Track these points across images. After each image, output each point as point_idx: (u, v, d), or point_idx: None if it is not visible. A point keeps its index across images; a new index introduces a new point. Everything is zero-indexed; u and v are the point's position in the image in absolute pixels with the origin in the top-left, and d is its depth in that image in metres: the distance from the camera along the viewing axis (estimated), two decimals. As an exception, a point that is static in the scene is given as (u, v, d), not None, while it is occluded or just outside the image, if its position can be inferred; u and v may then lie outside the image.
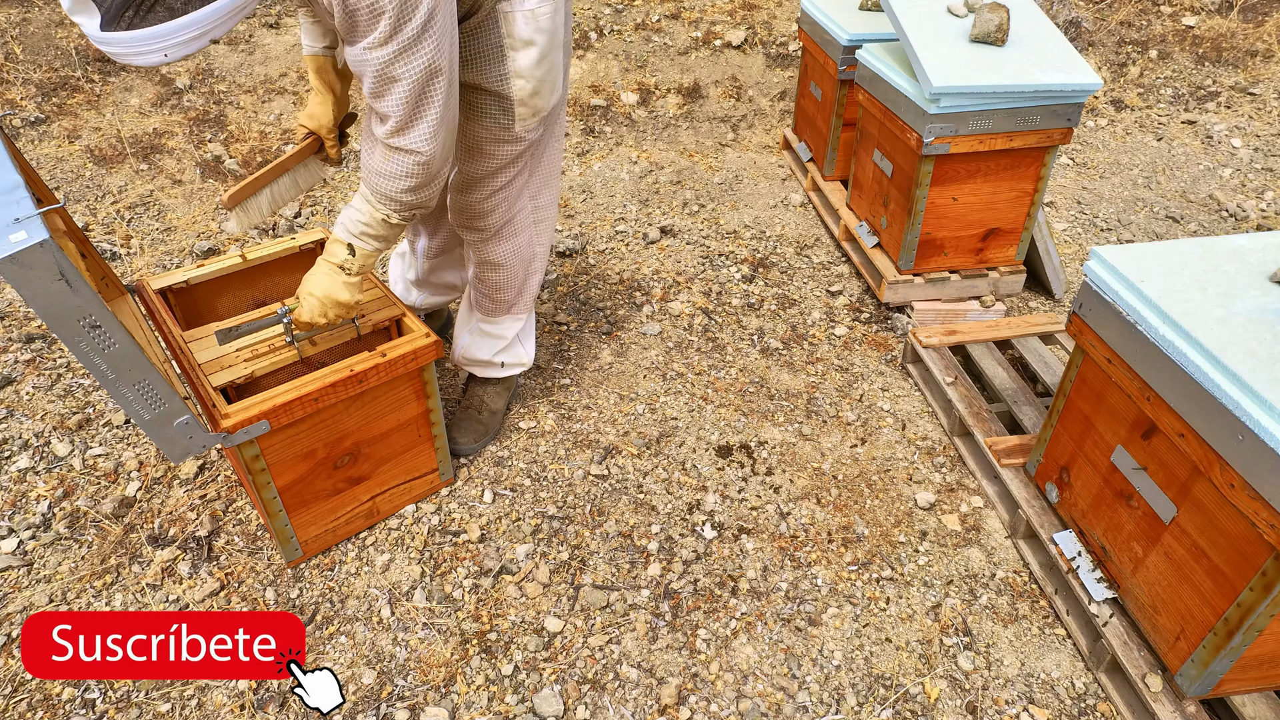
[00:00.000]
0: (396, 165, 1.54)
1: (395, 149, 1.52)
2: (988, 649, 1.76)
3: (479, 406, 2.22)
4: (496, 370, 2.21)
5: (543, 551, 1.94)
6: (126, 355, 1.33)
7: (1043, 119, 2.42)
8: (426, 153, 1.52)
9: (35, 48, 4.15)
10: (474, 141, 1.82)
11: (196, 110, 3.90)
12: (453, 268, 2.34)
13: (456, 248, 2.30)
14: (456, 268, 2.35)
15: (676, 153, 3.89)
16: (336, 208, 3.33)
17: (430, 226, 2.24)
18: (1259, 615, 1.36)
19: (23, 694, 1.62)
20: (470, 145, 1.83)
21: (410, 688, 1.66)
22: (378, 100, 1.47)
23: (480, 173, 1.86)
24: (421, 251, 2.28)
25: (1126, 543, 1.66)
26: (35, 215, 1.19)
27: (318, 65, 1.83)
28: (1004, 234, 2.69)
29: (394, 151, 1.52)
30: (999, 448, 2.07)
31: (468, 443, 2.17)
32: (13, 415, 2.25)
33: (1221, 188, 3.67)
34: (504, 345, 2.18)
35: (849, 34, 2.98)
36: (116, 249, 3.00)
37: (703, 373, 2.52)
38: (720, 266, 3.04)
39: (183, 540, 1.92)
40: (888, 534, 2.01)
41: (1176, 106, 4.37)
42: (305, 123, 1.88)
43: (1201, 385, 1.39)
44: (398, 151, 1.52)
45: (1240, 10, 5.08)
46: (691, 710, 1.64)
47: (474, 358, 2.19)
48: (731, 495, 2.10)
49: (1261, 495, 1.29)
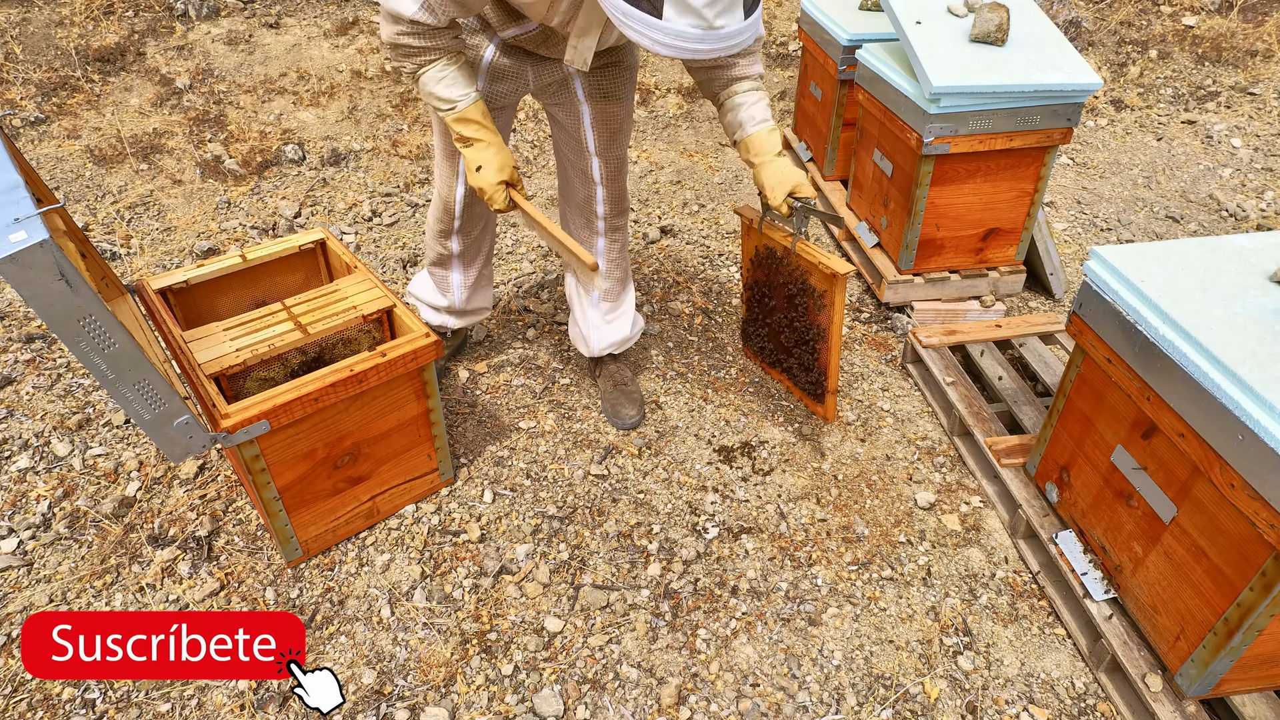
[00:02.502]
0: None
1: None
2: (988, 649, 1.76)
3: (626, 380, 2.37)
4: (633, 339, 2.39)
5: (543, 551, 1.94)
6: (126, 355, 1.33)
7: (1043, 119, 2.42)
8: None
9: (35, 48, 4.15)
10: (628, 122, 2.03)
11: (196, 110, 3.90)
12: (481, 290, 2.36)
13: (486, 274, 2.35)
14: (485, 289, 2.38)
15: (676, 153, 3.89)
16: (336, 208, 3.33)
17: (468, 259, 2.25)
18: (1259, 615, 1.36)
19: (23, 694, 1.62)
20: (627, 128, 2.03)
21: (410, 688, 1.66)
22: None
23: (625, 149, 2.08)
24: (458, 285, 2.30)
25: (1126, 543, 1.66)
26: (35, 215, 1.19)
27: (484, 109, 1.73)
28: (1004, 234, 2.69)
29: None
30: (999, 448, 2.07)
31: (635, 413, 2.29)
32: (13, 415, 2.25)
33: (1221, 188, 3.67)
34: (633, 315, 2.37)
35: (849, 34, 2.98)
36: (116, 249, 3.00)
37: (703, 373, 2.52)
38: (720, 266, 3.04)
39: (183, 540, 1.92)
40: (888, 534, 2.01)
41: (1176, 106, 4.37)
42: (504, 177, 1.76)
43: (1201, 385, 1.39)
44: None
45: (1240, 10, 5.08)
46: (691, 710, 1.64)
47: (618, 339, 2.33)
48: (731, 495, 2.10)
49: (1261, 495, 1.29)
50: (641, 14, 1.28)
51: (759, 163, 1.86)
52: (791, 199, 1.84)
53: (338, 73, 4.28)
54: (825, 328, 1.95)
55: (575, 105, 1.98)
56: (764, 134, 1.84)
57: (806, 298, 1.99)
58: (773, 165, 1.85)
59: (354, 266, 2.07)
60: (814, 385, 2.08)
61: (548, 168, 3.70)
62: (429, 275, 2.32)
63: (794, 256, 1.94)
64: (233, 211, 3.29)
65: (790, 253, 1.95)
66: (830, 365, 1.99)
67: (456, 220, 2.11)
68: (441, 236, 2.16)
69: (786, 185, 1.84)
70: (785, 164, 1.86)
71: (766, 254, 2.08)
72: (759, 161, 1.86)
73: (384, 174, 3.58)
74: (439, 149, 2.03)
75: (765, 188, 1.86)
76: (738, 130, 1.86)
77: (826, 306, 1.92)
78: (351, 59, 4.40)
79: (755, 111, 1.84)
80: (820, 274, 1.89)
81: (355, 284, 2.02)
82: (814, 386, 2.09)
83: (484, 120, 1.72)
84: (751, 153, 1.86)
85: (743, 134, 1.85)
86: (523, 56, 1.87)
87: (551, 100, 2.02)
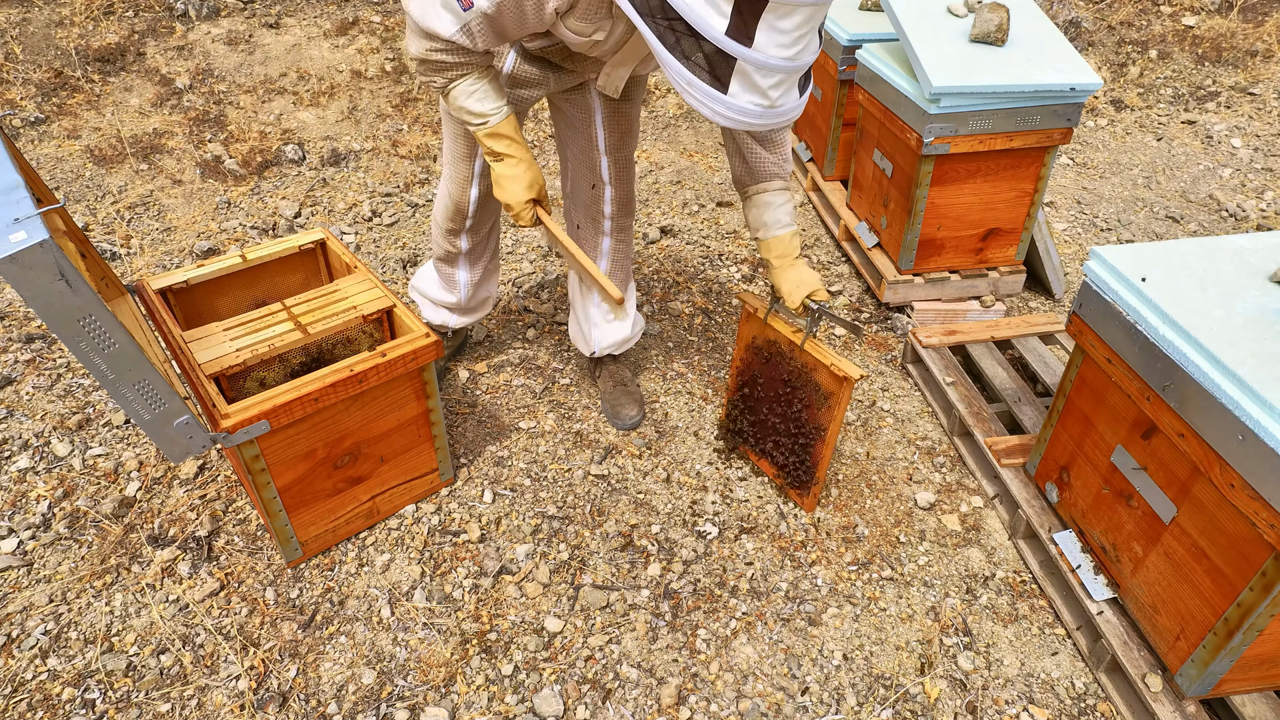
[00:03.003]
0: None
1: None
2: (988, 649, 1.76)
3: (626, 380, 2.38)
4: (633, 339, 2.38)
5: (543, 551, 1.94)
6: (126, 355, 1.33)
7: (1042, 119, 2.42)
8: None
9: (35, 48, 4.15)
10: (638, 123, 2.05)
11: (196, 110, 3.90)
12: (487, 284, 2.36)
13: (493, 268, 2.35)
14: (489, 283, 2.37)
15: (676, 153, 3.89)
16: (336, 208, 3.33)
17: (475, 256, 2.25)
18: (1259, 615, 1.36)
19: (23, 694, 1.62)
20: (637, 127, 2.06)
21: (410, 688, 1.66)
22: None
23: (633, 150, 2.10)
24: (464, 282, 2.29)
25: (1126, 543, 1.66)
26: (35, 215, 1.19)
27: (515, 124, 1.71)
28: (1004, 234, 2.69)
29: None
30: (999, 448, 2.07)
31: (636, 413, 2.30)
32: (13, 415, 2.25)
33: (1221, 188, 3.67)
34: (634, 315, 2.37)
35: (849, 34, 2.98)
36: (116, 249, 3.00)
37: (703, 373, 2.52)
38: (720, 266, 3.04)
39: (183, 540, 1.92)
40: (888, 534, 2.01)
41: (1176, 106, 4.37)
42: (533, 194, 1.74)
43: (1201, 385, 1.39)
44: None
45: (1240, 10, 5.08)
46: (691, 710, 1.64)
47: (619, 339, 2.32)
48: (731, 495, 2.10)
49: (1261, 495, 1.29)
50: (707, 87, 1.31)
51: (779, 265, 1.88)
52: (808, 300, 1.85)
53: (338, 73, 4.28)
54: (825, 426, 1.91)
55: (588, 101, 1.98)
56: (787, 238, 1.87)
57: (809, 393, 1.94)
58: (793, 269, 1.87)
59: (354, 266, 2.07)
60: (801, 477, 2.02)
61: (548, 168, 3.70)
62: (435, 271, 2.31)
63: (801, 353, 1.91)
64: (233, 211, 3.29)
65: (798, 349, 1.91)
66: (823, 461, 1.95)
67: (468, 220, 2.11)
68: (450, 235, 2.16)
69: (805, 289, 1.85)
70: (803, 267, 1.88)
71: (767, 345, 2.02)
72: (779, 264, 1.88)
73: (384, 174, 3.58)
74: (450, 151, 2.02)
75: (783, 290, 1.88)
76: (762, 229, 1.88)
77: (830, 407, 1.88)
78: (351, 59, 4.40)
79: (781, 215, 1.86)
80: (829, 375, 1.85)
81: (355, 284, 2.02)
82: (800, 478, 2.03)
83: (515, 135, 1.70)
84: (773, 253, 1.88)
85: (767, 234, 1.88)
86: (545, 65, 1.87)
87: (563, 96, 2.02)
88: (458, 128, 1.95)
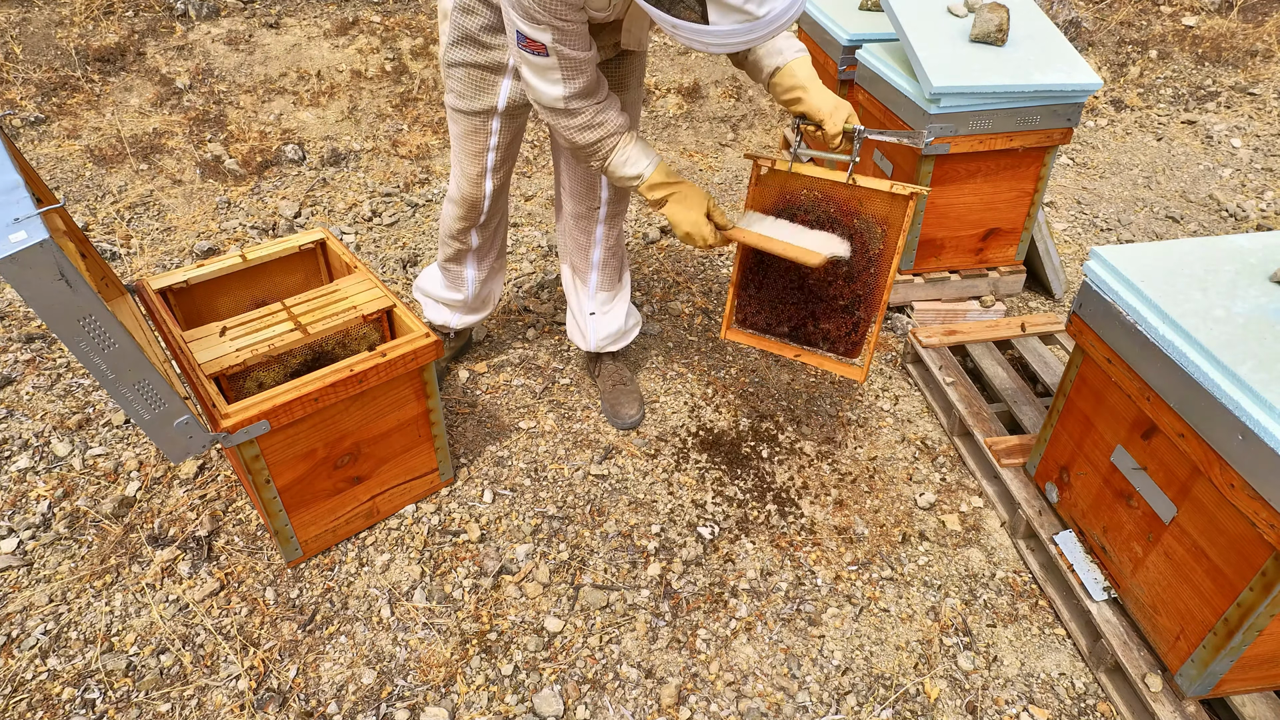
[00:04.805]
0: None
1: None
2: (988, 649, 1.76)
3: (625, 379, 2.38)
4: (629, 334, 2.37)
5: (543, 551, 1.94)
6: (126, 355, 1.33)
7: (1042, 119, 2.42)
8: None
9: (35, 48, 4.15)
10: (638, 109, 2.02)
11: (196, 110, 3.90)
12: (493, 280, 2.36)
13: (499, 265, 2.35)
14: (495, 281, 2.38)
15: (676, 153, 3.89)
16: (336, 208, 3.33)
17: (483, 253, 2.26)
18: (1259, 615, 1.36)
19: (22, 694, 1.62)
20: (637, 113, 2.01)
21: (410, 688, 1.66)
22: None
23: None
24: (471, 280, 2.29)
25: (1126, 543, 1.66)
26: (35, 215, 1.19)
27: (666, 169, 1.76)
28: (1004, 234, 2.69)
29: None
30: (999, 448, 2.07)
31: (636, 412, 2.30)
32: (13, 415, 2.25)
33: (1221, 188, 3.67)
34: (628, 306, 2.34)
35: (849, 34, 2.98)
36: (116, 249, 3.00)
37: (703, 373, 2.52)
38: (720, 266, 3.04)
39: (183, 540, 1.92)
40: (888, 534, 2.01)
41: (1176, 106, 4.37)
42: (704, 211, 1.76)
43: (1201, 385, 1.39)
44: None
45: (1240, 10, 5.08)
46: (691, 710, 1.64)
47: (614, 331, 2.31)
48: (731, 495, 2.10)
49: (1261, 495, 1.29)
50: (690, 24, 1.33)
51: (806, 90, 1.69)
52: (848, 124, 1.71)
53: (338, 73, 4.28)
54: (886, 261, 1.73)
55: None
56: (805, 60, 1.70)
57: (856, 239, 1.77)
58: (823, 91, 1.70)
59: (354, 266, 2.07)
60: (853, 342, 1.83)
61: (548, 168, 3.70)
62: (440, 272, 2.31)
63: (849, 189, 1.72)
64: (233, 211, 3.28)
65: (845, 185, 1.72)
66: (881, 306, 1.76)
67: (482, 216, 2.11)
68: (461, 234, 2.16)
69: (844, 110, 1.69)
70: (831, 92, 1.71)
71: (795, 198, 1.82)
72: (807, 87, 1.69)
73: (384, 174, 3.58)
74: (461, 150, 2.00)
75: (824, 112, 1.69)
76: (777, 57, 1.70)
77: (888, 233, 1.71)
78: (351, 59, 4.40)
79: (793, 42, 1.71)
80: (887, 199, 1.66)
81: (355, 284, 2.02)
82: (852, 344, 1.83)
83: (669, 178, 1.75)
84: (799, 77, 1.68)
85: (781, 60, 1.69)
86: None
87: None
88: (468, 126, 1.95)
